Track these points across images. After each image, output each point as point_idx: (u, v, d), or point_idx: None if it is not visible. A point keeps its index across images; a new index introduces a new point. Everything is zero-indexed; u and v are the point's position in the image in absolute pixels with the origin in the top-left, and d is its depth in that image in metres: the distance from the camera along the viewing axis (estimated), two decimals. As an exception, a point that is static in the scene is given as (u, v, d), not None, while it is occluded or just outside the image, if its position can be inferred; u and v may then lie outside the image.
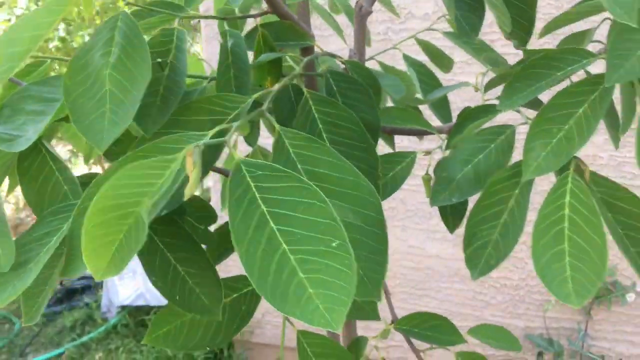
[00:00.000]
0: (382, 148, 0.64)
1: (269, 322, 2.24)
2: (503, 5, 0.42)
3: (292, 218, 0.36)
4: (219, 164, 0.69)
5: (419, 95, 0.76)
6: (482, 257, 0.50)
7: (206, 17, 0.54)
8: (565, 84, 0.51)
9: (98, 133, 0.40)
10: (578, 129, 0.47)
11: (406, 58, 0.78)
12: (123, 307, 2.46)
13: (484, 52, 0.71)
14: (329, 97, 0.57)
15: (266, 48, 0.59)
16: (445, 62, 0.80)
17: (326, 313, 0.33)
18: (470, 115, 0.60)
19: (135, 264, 2.61)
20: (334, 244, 0.35)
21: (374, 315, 0.66)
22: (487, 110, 0.59)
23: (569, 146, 0.47)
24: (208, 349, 0.61)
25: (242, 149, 0.76)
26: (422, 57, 0.80)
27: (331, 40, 1.64)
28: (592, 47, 0.58)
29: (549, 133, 0.47)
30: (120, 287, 2.49)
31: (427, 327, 0.69)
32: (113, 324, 2.45)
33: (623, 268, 1.79)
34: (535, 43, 0.56)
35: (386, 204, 1.99)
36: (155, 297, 2.45)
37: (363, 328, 0.78)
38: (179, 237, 0.51)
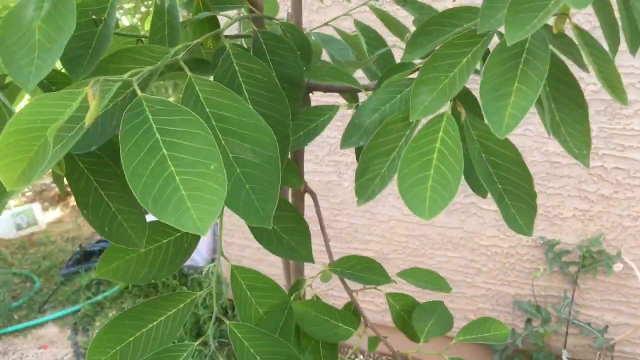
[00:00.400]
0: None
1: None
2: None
3: (181, 145, 0.43)
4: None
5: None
6: (369, 187, 0.56)
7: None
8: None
9: (26, 76, 0.47)
10: (460, 76, 0.52)
11: (356, 23, 0.83)
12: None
13: (424, 14, 0.77)
14: (258, 54, 0.64)
15: (204, 7, 0.66)
16: (399, 29, 0.85)
17: (197, 221, 0.40)
18: (391, 71, 0.66)
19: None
20: (212, 167, 0.42)
21: (308, 257, 0.72)
22: (403, 67, 0.65)
23: (451, 91, 0.52)
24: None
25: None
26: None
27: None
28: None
29: (436, 80, 0.53)
30: (132, 249, 2.61)
31: (359, 269, 0.76)
32: (125, 284, 2.58)
33: (612, 239, 1.83)
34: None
35: (383, 173, 2.04)
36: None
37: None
38: (111, 177, 0.57)
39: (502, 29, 0.49)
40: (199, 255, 2.64)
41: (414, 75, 0.65)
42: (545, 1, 0.44)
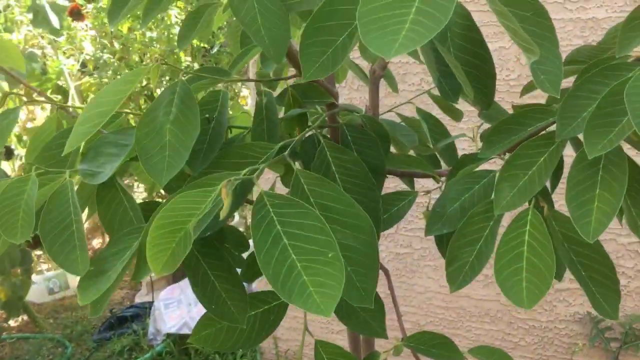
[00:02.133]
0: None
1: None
2: (466, 80, 0.54)
3: (299, 236, 0.48)
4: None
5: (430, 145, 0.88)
6: (460, 275, 0.61)
7: (246, 80, 0.67)
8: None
9: (159, 172, 0.54)
10: (538, 174, 0.58)
11: (419, 111, 0.90)
12: (168, 335, 2.60)
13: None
14: (343, 145, 0.70)
15: (295, 104, 0.73)
16: (455, 113, 0.91)
17: (321, 304, 0.45)
18: (463, 162, 0.72)
19: (180, 295, 2.76)
20: (329, 255, 0.47)
21: (382, 333, 0.76)
22: (476, 158, 0.70)
23: (531, 188, 0.58)
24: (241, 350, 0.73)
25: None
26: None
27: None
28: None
29: (516, 177, 0.58)
30: (166, 315, 2.63)
31: (432, 344, 0.79)
32: (158, 351, 2.59)
33: (651, 314, 1.82)
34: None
35: (419, 245, 2.08)
36: (198, 327, 2.57)
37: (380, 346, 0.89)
38: (218, 259, 0.63)
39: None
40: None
41: (486, 166, 0.71)
42: (619, 118, 0.50)
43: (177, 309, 2.64)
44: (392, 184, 0.89)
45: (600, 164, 0.52)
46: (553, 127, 0.60)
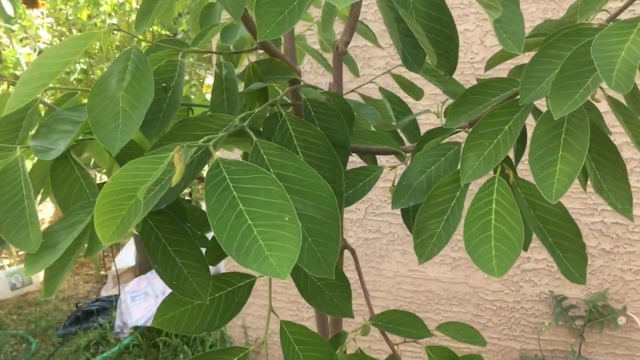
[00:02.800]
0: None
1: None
2: (428, 44, 0.52)
3: (256, 201, 0.46)
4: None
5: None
6: (428, 246, 0.60)
7: (205, 52, 0.65)
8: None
9: (112, 140, 0.51)
10: (504, 142, 0.57)
11: (381, 90, 0.89)
12: (136, 328, 2.56)
13: (447, 85, 0.83)
14: (307, 119, 0.69)
15: (255, 78, 0.71)
16: (416, 92, 0.91)
17: (277, 267, 0.43)
18: (429, 135, 0.71)
19: (146, 287, 2.71)
20: (286, 219, 0.45)
21: (348, 313, 0.75)
22: (442, 132, 0.70)
23: (496, 156, 0.57)
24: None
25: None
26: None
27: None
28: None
29: (482, 146, 0.57)
30: (133, 308, 2.59)
31: (400, 322, 0.78)
32: (126, 344, 2.54)
33: (614, 292, 1.86)
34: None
35: (387, 229, 2.08)
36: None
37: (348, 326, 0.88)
38: (178, 234, 0.61)
39: (540, 101, 0.54)
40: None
41: (452, 138, 0.70)
42: (584, 79, 0.49)
43: (144, 302, 2.60)
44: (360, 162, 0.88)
45: (564, 127, 0.51)
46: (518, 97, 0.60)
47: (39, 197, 0.73)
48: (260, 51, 0.75)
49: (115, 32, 0.56)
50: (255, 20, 0.46)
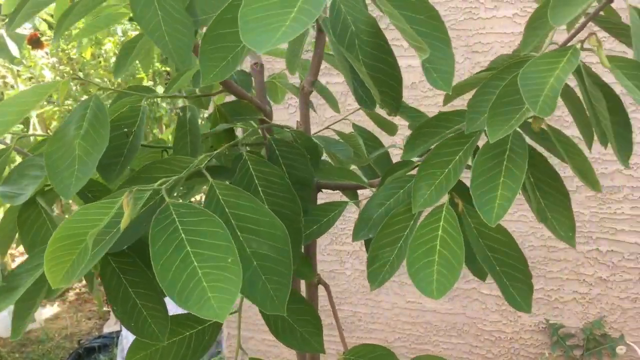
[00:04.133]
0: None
1: None
2: (372, 83, 0.54)
3: (202, 243, 0.48)
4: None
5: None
6: (380, 274, 0.61)
7: (170, 97, 0.67)
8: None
9: (66, 186, 0.53)
10: (454, 171, 0.58)
11: (354, 126, 0.91)
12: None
13: (415, 119, 0.84)
14: (272, 159, 0.71)
15: (222, 120, 0.73)
16: (390, 127, 0.92)
17: (217, 309, 0.44)
18: (393, 169, 0.72)
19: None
20: (229, 260, 0.47)
21: (319, 348, 0.75)
22: (404, 165, 0.71)
23: (447, 184, 0.58)
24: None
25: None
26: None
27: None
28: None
29: (433, 176, 0.59)
30: (133, 345, 2.58)
31: (372, 357, 0.78)
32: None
33: (612, 321, 1.84)
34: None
35: (384, 261, 2.08)
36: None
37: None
38: (139, 276, 0.62)
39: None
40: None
41: (414, 172, 0.71)
42: (519, 106, 0.51)
43: (144, 337, 2.59)
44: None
45: (506, 154, 0.53)
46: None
47: (14, 241, 0.75)
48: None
49: (74, 79, 0.59)
50: (200, 66, 0.48)
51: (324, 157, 0.90)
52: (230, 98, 0.77)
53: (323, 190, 0.81)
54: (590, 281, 1.85)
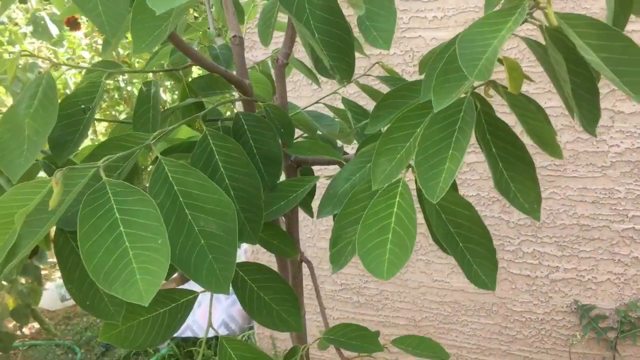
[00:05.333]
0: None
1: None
2: (321, 50, 0.51)
3: (135, 223, 0.47)
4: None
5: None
6: (343, 255, 0.58)
7: (136, 72, 0.66)
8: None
9: (16, 167, 0.53)
10: (414, 144, 0.55)
11: (343, 100, 0.88)
12: (172, 339, 2.61)
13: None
14: (239, 133, 0.69)
15: (191, 94, 0.71)
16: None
17: (143, 292, 0.43)
18: (366, 142, 0.69)
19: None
20: (159, 241, 0.45)
21: (298, 328, 0.74)
22: (375, 137, 0.68)
23: (407, 159, 0.55)
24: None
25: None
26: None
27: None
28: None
29: (394, 150, 0.55)
30: (169, 319, 2.64)
31: (352, 337, 0.77)
32: (163, 355, 2.60)
33: (650, 302, 1.75)
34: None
35: (411, 239, 2.04)
36: (200, 329, 2.58)
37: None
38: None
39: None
40: (198, 327, 2.63)
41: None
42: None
43: (179, 312, 2.65)
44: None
45: (457, 125, 0.49)
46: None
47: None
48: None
49: (24, 55, 0.58)
50: (131, 36, 0.47)
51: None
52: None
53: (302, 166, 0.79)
54: (625, 261, 1.76)
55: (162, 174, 0.55)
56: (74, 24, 2.84)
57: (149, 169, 0.81)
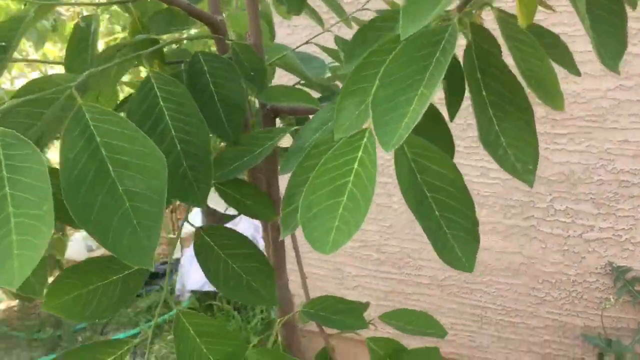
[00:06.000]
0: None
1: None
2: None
3: (21, 183, 0.38)
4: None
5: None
6: (295, 217, 0.48)
7: (78, 4, 0.56)
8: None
9: None
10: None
11: (336, 39, 0.77)
12: (193, 292, 2.60)
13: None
14: (197, 76, 0.59)
15: (144, 31, 0.61)
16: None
17: (17, 271, 0.34)
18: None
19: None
20: (44, 208, 0.36)
21: (272, 301, 0.65)
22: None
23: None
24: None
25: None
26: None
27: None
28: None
29: (364, 92, 0.44)
30: (191, 272, 2.62)
31: (333, 311, 0.67)
32: (187, 304, 2.59)
33: (693, 265, 1.61)
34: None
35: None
36: (221, 284, 2.56)
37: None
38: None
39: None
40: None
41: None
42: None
43: (199, 266, 2.63)
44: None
45: (435, 57, 0.37)
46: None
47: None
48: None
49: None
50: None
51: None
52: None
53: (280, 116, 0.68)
54: (668, 220, 1.61)
55: (81, 121, 0.45)
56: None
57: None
